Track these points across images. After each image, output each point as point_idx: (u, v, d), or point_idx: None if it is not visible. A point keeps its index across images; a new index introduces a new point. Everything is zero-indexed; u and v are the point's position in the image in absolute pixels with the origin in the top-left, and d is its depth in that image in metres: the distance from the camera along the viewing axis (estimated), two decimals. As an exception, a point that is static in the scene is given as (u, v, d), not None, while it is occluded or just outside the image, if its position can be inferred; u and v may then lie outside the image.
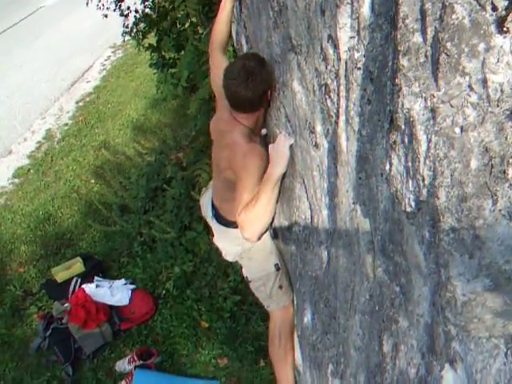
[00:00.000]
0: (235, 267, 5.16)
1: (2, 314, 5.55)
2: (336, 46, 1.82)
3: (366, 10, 1.55)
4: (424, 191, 1.17)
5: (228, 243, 3.60)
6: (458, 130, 1.05)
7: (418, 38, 1.15)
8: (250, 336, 4.86)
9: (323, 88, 2.06)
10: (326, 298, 2.56)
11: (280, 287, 3.53)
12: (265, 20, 2.92)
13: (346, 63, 1.75)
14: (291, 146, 2.78)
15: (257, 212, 2.88)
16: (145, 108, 9.47)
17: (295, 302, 3.49)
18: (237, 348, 4.77)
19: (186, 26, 6.07)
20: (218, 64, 3.41)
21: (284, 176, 2.98)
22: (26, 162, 8.58)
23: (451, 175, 1.07)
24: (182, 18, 5.88)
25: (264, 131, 3.29)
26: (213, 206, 3.61)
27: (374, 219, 1.69)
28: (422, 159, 1.15)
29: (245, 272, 3.69)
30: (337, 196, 2.08)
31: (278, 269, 3.50)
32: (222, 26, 3.51)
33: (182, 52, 5.94)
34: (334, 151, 2.10)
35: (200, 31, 5.96)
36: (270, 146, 2.93)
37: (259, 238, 3.17)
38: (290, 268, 3.48)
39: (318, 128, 2.25)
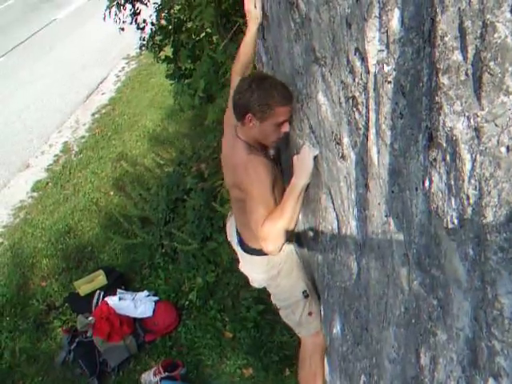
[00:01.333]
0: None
1: (26, 329, 5.58)
2: (364, 59, 1.82)
3: (395, 23, 1.55)
4: (469, 209, 1.17)
5: (253, 271, 3.58)
6: (503, 149, 1.04)
7: (457, 56, 1.15)
8: (274, 345, 4.85)
9: (350, 100, 2.06)
10: (356, 309, 2.56)
11: (309, 314, 3.51)
12: (286, 32, 2.93)
13: (375, 76, 1.75)
14: (316, 157, 2.78)
15: (282, 224, 2.80)
16: (161, 118, 9.50)
17: (323, 313, 3.48)
18: (262, 358, 4.76)
19: (202, 36, 6.10)
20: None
21: (308, 186, 2.97)
22: (44, 175, 8.63)
23: (498, 195, 1.07)
24: (197, 29, 5.91)
25: (272, 152, 3.27)
26: (237, 231, 3.59)
27: (408, 232, 1.68)
28: (466, 178, 1.15)
29: (273, 299, 3.68)
30: (367, 208, 2.07)
31: (306, 296, 3.46)
32: (247, 48, 3.51)
33: (198, 62, 5.95)
34: (362, 163, 2.10)
35: (215, 41, 5.99)
36: (295, 157, 2.93)
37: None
38: (316, 278, 3.47)
39: (345, 140, 2.25)
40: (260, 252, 3.17)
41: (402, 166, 1.64)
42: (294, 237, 3.44)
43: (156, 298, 5.43)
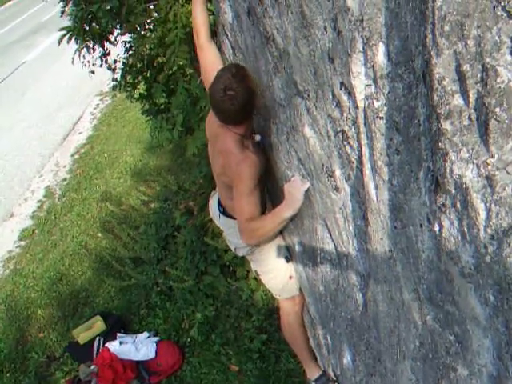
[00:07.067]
0: (257, 306, 5.12)
1: (28, 383, 5.48)
2: (351, 94, 1.79)
3: (381, 58, 1.52)
4: (487, 258, 1.13)
5: (236, 235, 3.50)
6: (519, 199, 1.01)
7: (458, 100, 1.11)
8: (281, 374, 4.80)
9: (340, 134, 2.03)
10: (366, 340, 2.51)
11: (290, 277, 3.68)
12: (263, 65, 2.90)
13: (364, 111, 1.72)
14: (307, 189, 2.75)
15: (259, 233, 3.17)
16: (141, 153, 9.46)
17: (330, 342, 3.43)
18: (270, 388, 4.72)
19: (174, 70, 6.06)
20: (209, 59, 3.48)
21: (300, 216, 2.97)
22: (29, 222, 8.52)
23: (519, 246, 1.03)
24: (170, 64, 5.87)
25: (258, 137, 3.30)
26: (220, 204, 3.67)
27: (416, 268, 1.65)
28: (481, 227, 1.11)
29: (254, 266, 3.86)
30: (369, 242, 2.04)
31: (288, 260, 3.63)
32: (200, 18, 3.49)
33: (173, 97, 5.91)
34: (358, 196, 2.07)
35: (188, 73, 5.95)
36: (286, 186, 2.92)
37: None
38: (319, 308, 3.43)
39: (338, 172, 2.22)
40: None
41: (402, 202, 1.61)
42: None
43: (157, 339, 5.36)
